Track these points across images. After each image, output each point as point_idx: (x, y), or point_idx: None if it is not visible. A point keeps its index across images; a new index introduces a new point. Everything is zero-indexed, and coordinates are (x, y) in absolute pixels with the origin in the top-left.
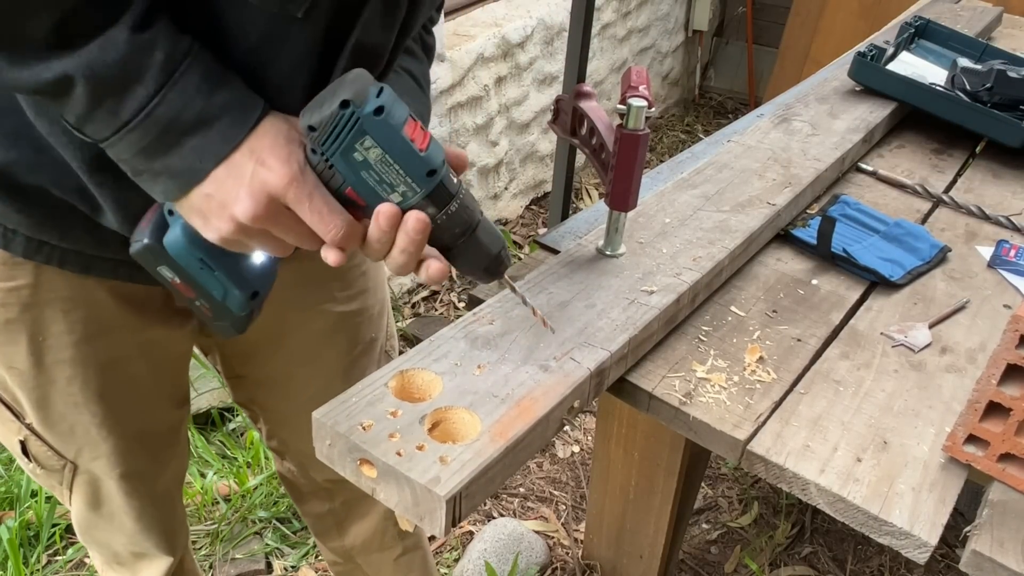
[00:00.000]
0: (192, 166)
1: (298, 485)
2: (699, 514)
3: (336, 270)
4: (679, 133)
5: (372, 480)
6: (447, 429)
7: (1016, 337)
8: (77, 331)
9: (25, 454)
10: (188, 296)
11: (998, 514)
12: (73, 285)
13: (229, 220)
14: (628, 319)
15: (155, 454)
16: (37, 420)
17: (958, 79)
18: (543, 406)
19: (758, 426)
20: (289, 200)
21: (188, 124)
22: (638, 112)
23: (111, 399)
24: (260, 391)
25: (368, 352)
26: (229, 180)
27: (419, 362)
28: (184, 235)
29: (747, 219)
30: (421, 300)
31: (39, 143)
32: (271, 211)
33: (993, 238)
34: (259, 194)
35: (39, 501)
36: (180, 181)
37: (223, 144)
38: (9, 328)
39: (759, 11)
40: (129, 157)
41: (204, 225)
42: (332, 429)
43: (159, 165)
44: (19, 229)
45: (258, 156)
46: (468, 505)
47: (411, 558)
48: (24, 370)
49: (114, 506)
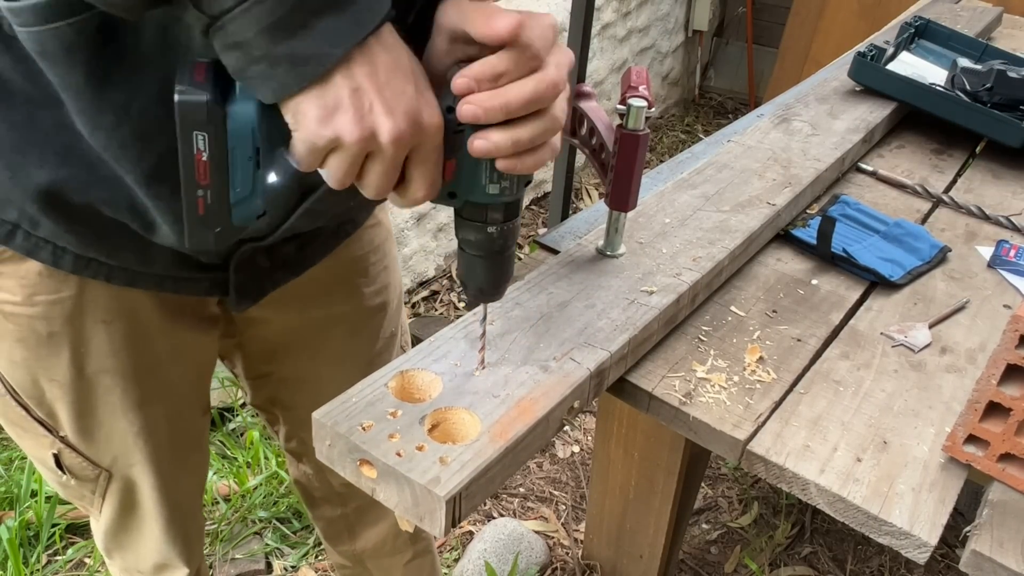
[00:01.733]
0: (320, 51)
1: (311, 489)
2: (699, 514)
3: (362, 265)
4: (679, 133)
5: (372, 481)
6: (447, 429)
7: (1016, 337)
8: (117, 340)
9: (59, 467)
10: (197, 180)
11: (998, 514)
12: (116, 296)
13: (357, 128)
14: (628, 319)
15: (184, 461)
16: (74, 431)
17: (958, 79)
18: (543, 406)
19: (758, 426)
20: (424, 142)
21: (325, 0)
22: (638, 112)
23: (148, 406)
24: (283, 390)
25: (388, 348)
26: (368, 82)
27: (419, 362)
28: (258, 114)
29: (747, 219)
30: (421, 300)
31: (91, 160)
32: (412, 141)
33: (993, 238)
34: (412, 116)
35: (39, 501)
36: (303, 70)
37: (357, 29)
38: (52, 341)
39: (759, 11)
40: (251, 36)
41: (311, 125)
42: (332, 429)
43: (283, 49)
44: (68, 247)
45: (404, 68)
46: (468, 505)
47: (421, 563)
48: (65, 381)
49: (145, 512)
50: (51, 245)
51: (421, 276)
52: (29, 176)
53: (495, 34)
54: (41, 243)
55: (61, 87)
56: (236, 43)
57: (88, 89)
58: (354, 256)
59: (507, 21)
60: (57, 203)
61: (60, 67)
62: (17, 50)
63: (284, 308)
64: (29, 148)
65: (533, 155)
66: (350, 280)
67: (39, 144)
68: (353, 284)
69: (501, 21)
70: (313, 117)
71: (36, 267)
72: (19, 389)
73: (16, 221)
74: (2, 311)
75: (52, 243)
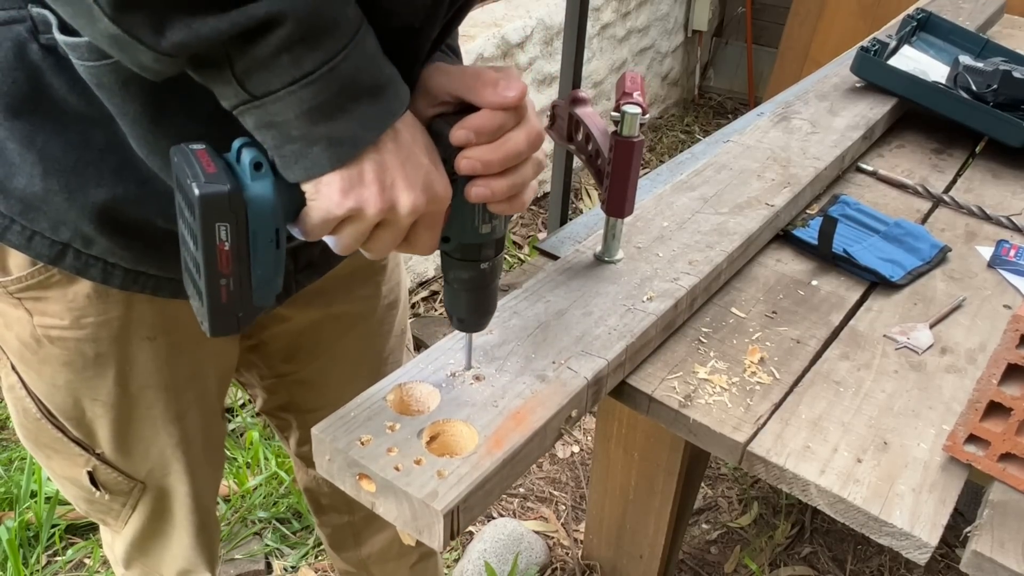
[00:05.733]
0: (355, 135)
1: (319, 496)
2: (699, 514)
3: (382, 263)
4: (678, 133)
5: (371, 495)
6: (445, 441)
7: (1016, 337)
8: (161, 356)
9: (93, 483)
10: (220, 270)
11: (998, 514)
12: (160, 311)
13: (379, 201)
14: (625, 326)
15: (210, 467)
16: (112, 448)
17: (961, 78)
18: (540, 417)
19: (758, 427)
20: (436, 210)
21: (363, 88)
22: (632, 119)
23: (186, 418)
24: (300, 391)
25: (399, 345)
26: (392, 159)
27: (417, 375)
28: (276, 195)
29: (745, 221)
30: (420, 300)
31: (143, 176)
32: (427, 210)
33: (993, 238)
34: (428, 189)
35: (39, 501)
36: (338, 151)
37: (388, 115)
38: (99, 362)
39: (759, 11)
40: (291, 118)
41: (334, 197)
42: (331, 444)
43: (321, 130)
44: (120, 263)
45: (420, 144)
46: (466, 518)
47: (424, 566)
48: (108, 400)
49: (176, 520)
50: (101, 263)
51: (421, 276)
52: (87, 195)
53: (506, 103)
54: (91, 261)
55: (118, 115)
56: (273, 123)
57: (145, 118)
58: None
59: (516, 91)
60: (114, 219)
61: (116, 98)
62: (71, 71)
63: (307, 305)
64: (85, 167)
65: (522, 196)
66: (371, 277)
67: (95, 163)
68: (374, 281)
69: (511, 91)
70: (337, 189)
71: (84, 289)
72: (58, 412)
73: (68, 241)
74: (48, 336)
75: (103, 260)
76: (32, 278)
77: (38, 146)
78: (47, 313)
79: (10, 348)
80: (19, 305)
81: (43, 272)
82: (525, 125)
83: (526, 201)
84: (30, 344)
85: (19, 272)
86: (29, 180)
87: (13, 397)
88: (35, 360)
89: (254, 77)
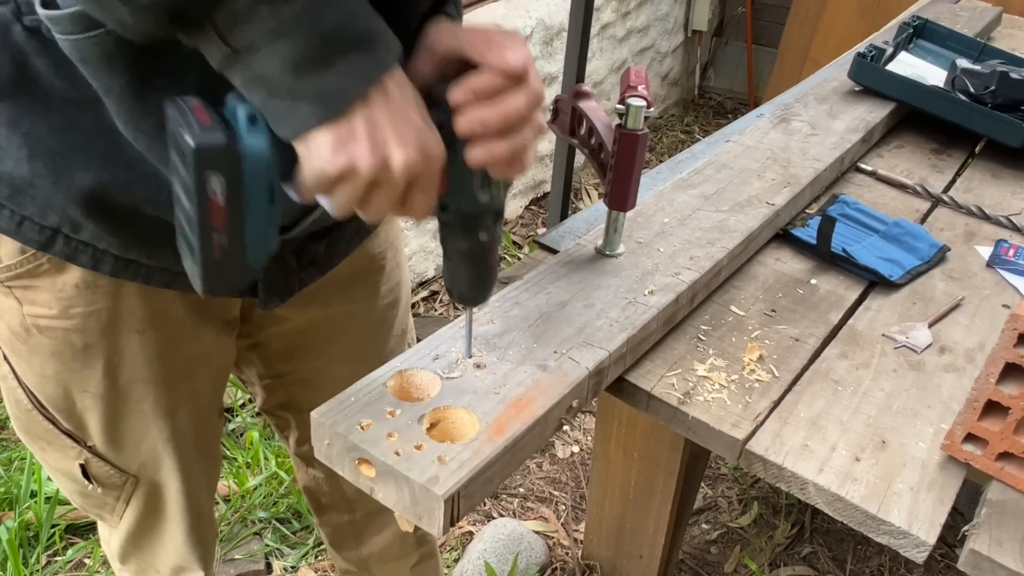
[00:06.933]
0: (342, 88)
1: (320, 495)
2: (699, 514)
3: (379, 262)
4: (678, 133)
5: (371, 480)
6: (445, 428)
7: (1015, 336)
8: (151, 350)
9: (85, 476)
10: (212, 223)
11: (996, 513)
12: (150, 303)
13: (371, 157)
14: (627, 319)
15: (204, 464)
16: (103, 441)
17: (959, 80)
18: (541, 405)
19: (757, 425)
20: (430, 169)
21: (349, 40)
22: (637, 112)
23: (177, 412)
24: (299, 391)
25: (400, 345)
26: (383, 114)
27: (417, 362)
28: (271, 149)
29: (746, 219)
30: (420, 300)
31: (132, 159)
32: (421, 169)
33: (992, 238)
34: (422, 147)
35: (39, 502)
36: (323, 106)
37: (377, 68)
38: (87, 353)
39: (759, 11)
40: (276, 73)
41: (325, 155)
42: (331, 429)
43: (306, 85)
44: (109, 249)
45: (412, 100)
46: (466, 505)
47: (425, 567)
48: (98, 392)
49: (169, 516)
50: (91, 248)
51: (421, 276)
52: (73, 179)
53: (509, 68)
54: (81, 247)
55: (103, 92)
56: (259, 77)
57: (129, 94)
58: (372, 253)
59: (521, 57)
60: (101, 205)
61: (101, 73)
62: (55, 53)
63: (305, 305)
64: (71, 151)
65: (521, 160)
66: (369, 277)
67: (81, 146)
68: (372, 281)
69: (516, 56)
70: (328, 147)
71: (73, 279)
72: (48, 403)
73: (57, 226)
74: (36, 326)
75: (92, 246)
76: (22, 266)
77: (24, 129)
78: (36, 302)
79: (1, 338)
80: (9, 294)
81: (33, 260)
82: (526, 87)
83: (526, 165)
84: (20, 333)
85: (9, 260)
86: (16, 163)
87: (6, 387)
88: (25, 350)
89: (235, 30)
